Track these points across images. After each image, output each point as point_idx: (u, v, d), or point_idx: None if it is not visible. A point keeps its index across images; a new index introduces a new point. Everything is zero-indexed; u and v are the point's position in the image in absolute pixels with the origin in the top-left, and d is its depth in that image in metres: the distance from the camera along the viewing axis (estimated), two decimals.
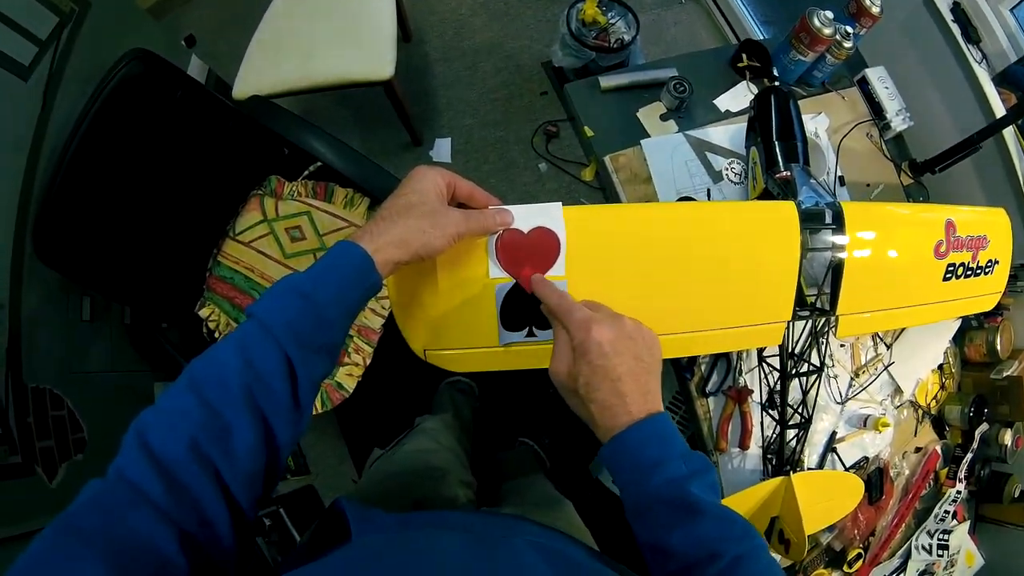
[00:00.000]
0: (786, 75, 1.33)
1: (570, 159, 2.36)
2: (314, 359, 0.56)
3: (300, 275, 0.58)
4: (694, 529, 0.54)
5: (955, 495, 1.30)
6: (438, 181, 0.64)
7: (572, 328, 0.62)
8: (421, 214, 0.62)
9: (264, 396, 0.52)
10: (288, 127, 1.43)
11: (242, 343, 0.53)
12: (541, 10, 2.60)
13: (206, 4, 2.58)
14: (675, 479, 0.56)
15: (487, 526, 0.69)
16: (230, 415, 0.50)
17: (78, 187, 1.22)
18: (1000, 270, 1.10)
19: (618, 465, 0.60)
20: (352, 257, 0.58)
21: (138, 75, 1.23)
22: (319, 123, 1.98)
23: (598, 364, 0.59)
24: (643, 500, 0.58)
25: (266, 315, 0.54)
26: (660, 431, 0.60)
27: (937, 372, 1.32)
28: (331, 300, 0.57)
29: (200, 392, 0.50)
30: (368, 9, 1.81)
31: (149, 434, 0.48)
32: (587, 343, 0.60)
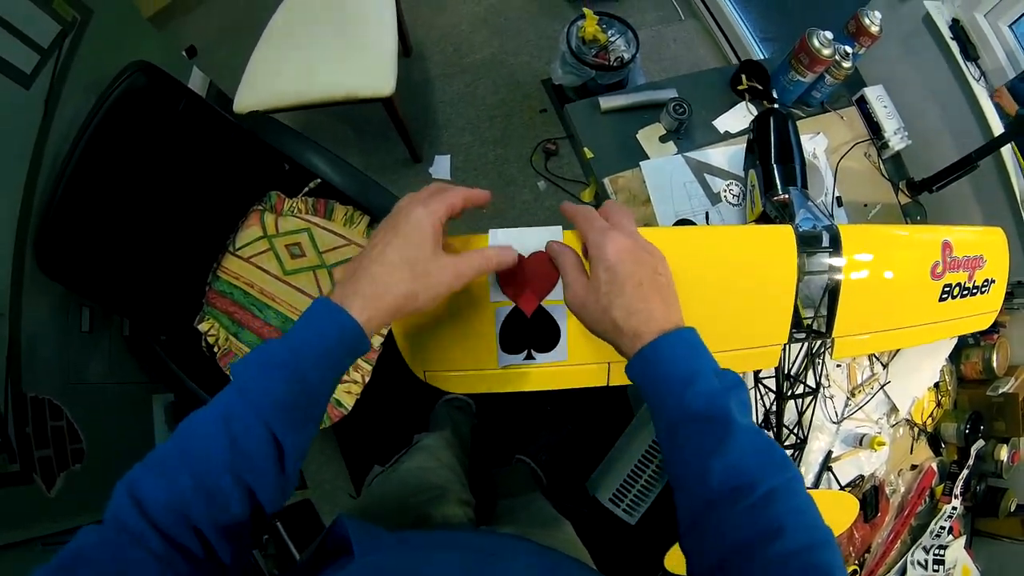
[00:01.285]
0: (785, 95, 1.34)
1: (569, 177, 2.37)
2: (300, 431, 0.55)
3: (286, 346, 0.54)
4: (732, 452, 0.51)
5: (951, 511, 1.30)
6: (434, 224, 0.60)
7: (590, 239, 0.60)
8: (414, 275, 0.58)
9: (248, 470, 0.51)
10: (288, 143, 1.44)
11: (227, 418, 0.51)
12: (541, 27, 2.62)
13: (208, 14, 2.60)
14: (711, 393, 0.54)
15: (487, 546, 0.68)
16: (217, 490, 0.49)
17: (79, 198, 1.23)
18: (996, 289, 1.10)
19: (649, 379, 0.57)
20: (342, 329, 0.55)
21: (141, 88, 1.24)
22: (318, 137, 2.00)
23: (618, 268, 0.58)
24: (677, 414, 0.55)
25: (252, 391, 0.52)
26: (690, 342, 0.58)
27: (933, 390, 1.33)
28: (320, 375, 0.55)
29: (188, 465, 0.50)
30: (370, 25, 1.82)
31: (142, 494, 0.48)
32: (605, 248, 0.58)
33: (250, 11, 2.28)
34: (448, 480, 1.11)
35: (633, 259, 0.59)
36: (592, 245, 0.60)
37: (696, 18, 2.70)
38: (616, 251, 0.58)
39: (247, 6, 2.48)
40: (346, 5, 1.88)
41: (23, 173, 1.27)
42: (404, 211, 0.60)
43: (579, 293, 0.61)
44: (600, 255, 0.59)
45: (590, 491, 1.68)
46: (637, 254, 0.59)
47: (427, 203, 0.60)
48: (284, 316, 1.44)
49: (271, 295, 1.46)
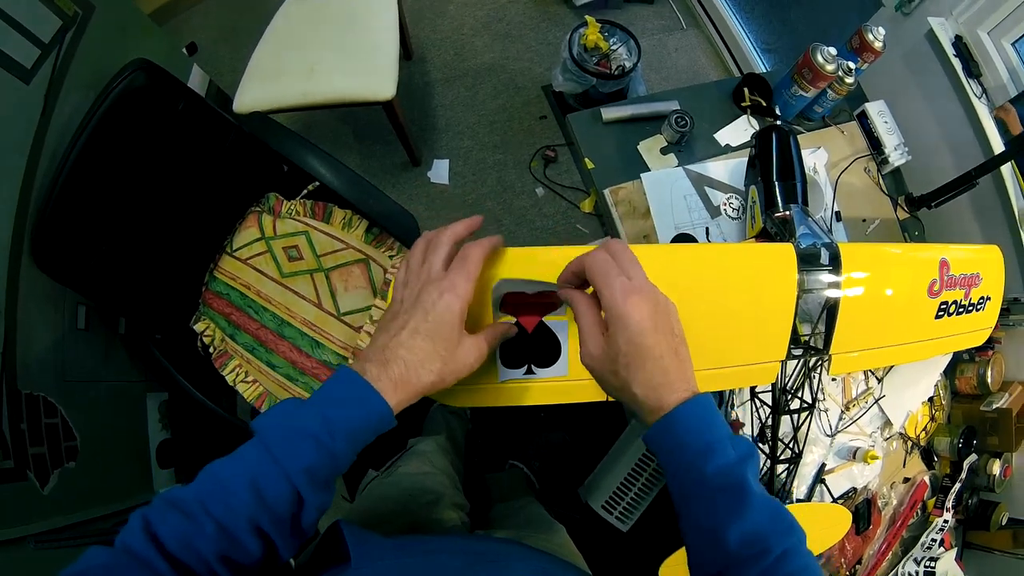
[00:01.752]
0: (787, 109, 1.35)
1: (568, 184, 2.38)
2: (323, 493, 0.55)
3: (318, 416, 0.55)
4: (748, 521, 0.53)
5: (943, 524, 1.31)
6: (463, 310, 0.60)
7: (609, 299, 0.57)
8: (443, 364, 0.60)
9: (272, 525, 0.52)
10: (287, 145, 1.43)
11: (255, 479, 0.51)
12: (543, 33, 2.63)
13: (209, 11, 2.59)
14: (729, 465, 0.55)
15: (483, 551, 0.69)
16: (236, 534, 0.50)
17: (77, 194, 1.22)
18: (991, 306, 1.11)
19: (667, 448, 0.58)
20: (374, 411, 0.56)
21: (141, 86, 1.23)
22: (318, 139, 1.99)
23: (640, 342, 0.56)
24: (697, 487, 0.56)
25: (283, 457, 0.52)
26: (707, 412, 0.58)
27: (927, 404, 1.34)
28: (347, 450, 0.55)
29: (208, 510, 0.50)
30: (371, 28, 1.82)
31: (158, 528, 0.49)
32: (627, 317, 0.56)
33: (252, 9, 2.29)
34: (443, 485, 1.11)
35: (654, 327, 0.57)
36: (610, 308, 0.57)
37: (698, 27, 2.71)
38: (638, 321, 0.56)
39: (249, 4, 2.48)
40: (348, 8, 1.87)
41: (21, 168, 1.26)
42: (434, 297, 0.60)
43: (596, 356, 0.60)
44: (621, 324, 0.57)
45: (583, 497, 1.68)
46: (657, 320, 0.58)
47: (456, 291, 0.60)
48: (281, 319, 1.44)
49: (268, 297, 1.45)
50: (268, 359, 1.43)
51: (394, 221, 1.39)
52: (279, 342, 1.43)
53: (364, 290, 1.44)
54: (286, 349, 1.43)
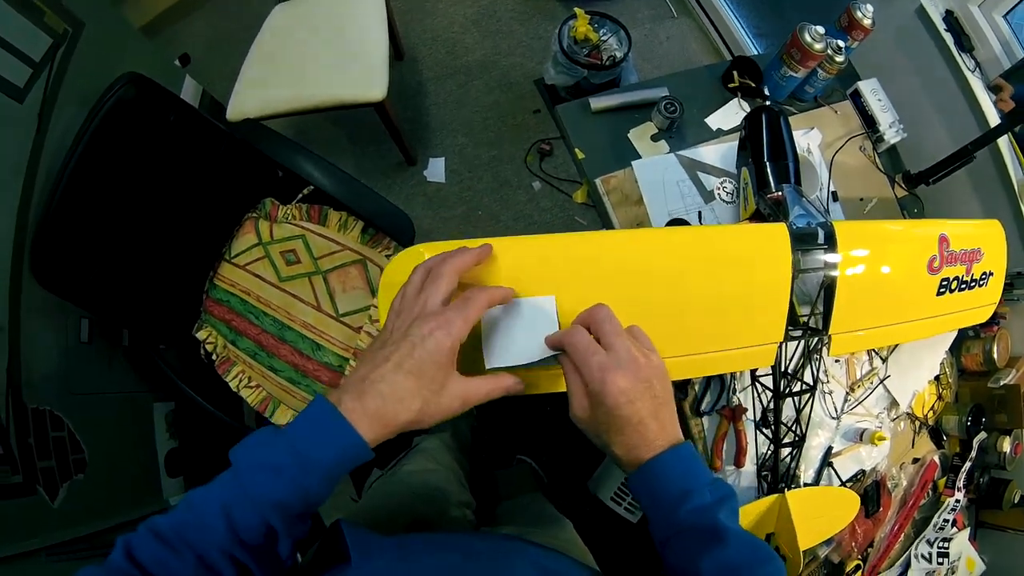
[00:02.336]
0: (778, 91, 1.34)
1: (564, 177, 2.37)
2: (297, 525, 0.54)
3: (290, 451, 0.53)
4: (722, 556, 0.55)
5: (954, 504, 1.30)
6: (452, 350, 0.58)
7: (587, 376, 0.60)
8: (424, 404, 0.57)
9: (247, 555, 0.52)
10: (281, 150, 1.44)
11: (227, 510, 0.51)
12: (533, 27, 2.62)
13: (200, 22, 2.60)
14: (702, 508, 0.57)
15: (485, 547, 0.69)
16: (214, 564, 0.50)
17: (74, 209, 1.23)
18: (995, 282, 1.10)
19: (645, 496, 0.61)
20: (349, 446, 0.54)
21: (131, 99, 1.23)
22: (313, 143, 1.99)
23: (617, 413, 0.59)
24: (672, 530, 0.59)
25: (253, 489, 0.52)
26: (684, 461, 0.61)
27: (934, 383, 1.32)
28: (321, 485, 0.54)
29: (187, 540, 0.50)
30: (360, 31, 1.83)
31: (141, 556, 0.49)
32: (604, 394, 0.58)
33: (242, 18, 2.29)
34: (447, 482, 1.12)
35: (630, 400, 0.59)
36: (589, 385, 0.60)
37: (689, 15, 2.70)
38: (615, 395, 0.58)
39: (239, 14, 2.49)
40: (336, 11, 1.88)
41: (18, 186, 1.27)
42: (424, 333, 0.58)
43: (581, 418, 0.62)
44: (599, 399, 0.59)
45: (592, 490, 1.69)
46: (636, 390, 0.59)
47: (448, 330, 0.58)
48: (281, 323, 1.45)
49: (267, 302, 1.46)
50: (270, 363, 1.44)
51: (389, 220, 1.39)
52: (280, 346, 1.44)
53: (362, 291, 1.45)
54: (287, 353, 1.44)
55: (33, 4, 1.32)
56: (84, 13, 1.47)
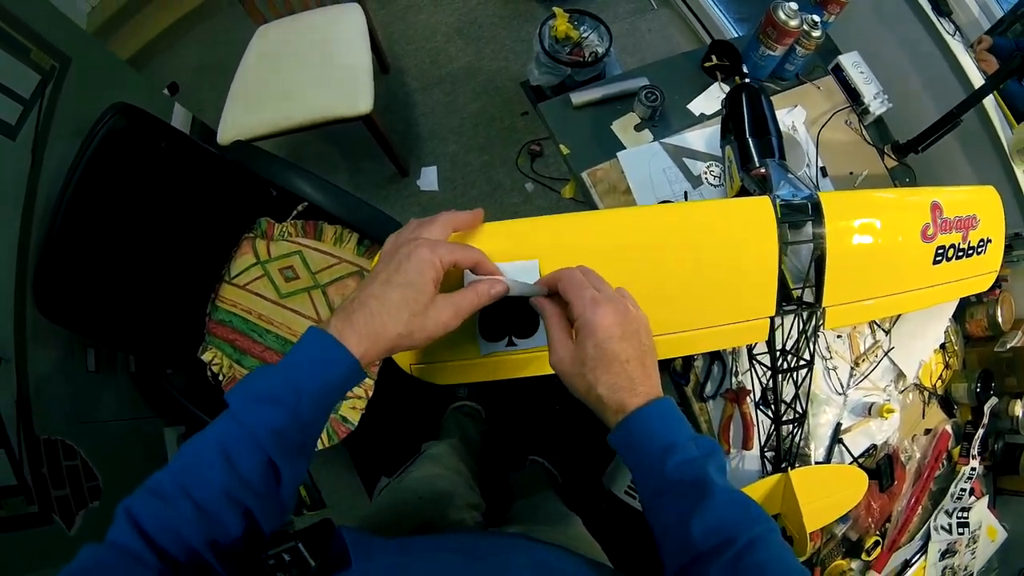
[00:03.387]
0: (758, 72, 1.34)
1: (556, 176, 2.39)
2: (296, 458, 0.55)
3: (282, 377, 0.55)
4: (711, 512, 0.54)
5: (970, 472, 1.28)
6: (437, 267, 0.59)
7: (579, 308, 0.60)
8: (411, 316, 0.58)
9: (248, 496, 0.52)
10: (273, 169, 1.45)
11: (225, 448, 0.51)
12: (515, 30, 2.63)
13: (186, 51, 2.63)
14: (689, 460, 0.57)
15: (485, 546, 0.69)
16: (215, 512, 0.50)
17: (73, 240, 1.25)
18: (994, 248, 1.09)
19: (631, 448, 0.60)
20: (339, 363, 0.55)
21: (122, 129, 1.25)
22: (305, 161, 2.01)
23: (607, 347, 0.59)
24: (659, 483, 0.58)
25: (249, 420, 0.52)
26: (669, 414, 0.60)
27: (940, 351, 1.31)
28: (314, 409, 0.55)
29: (186, 490, 0.50)
30: (343, 46, 1.85)
31: (141, 518, 0.49)
32: (595, 325, 0.59)
33: (226, 44, 2.32)
34: (455, 485, 1.12)
35: (622, 334, 0.60)
36: (580, 316, 0.60)
37: (669, 6, 2.70)
38: (606, 327, 0.59)
39: (223, 40, 2.52)
40: (318, 29, 1.91)
41: (17, 220, 1.29)
42: (410, 250, 0.59)
43: (564, 359, 0.62)
44: (590, 330, 0.59)
45: (606, 486, 1.68)
46: (625, 328, 0.60)
47: (435, 248, 0.60)
48: (284, 339, 1.45)
49: (269, 319, 1.47)
50: None
51: (383, 230, 1.40)
52: None
53: None
54: None
55: (19, 42, 1.34)
56: (70, 48, 1.50)
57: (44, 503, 1.28)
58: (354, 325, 0.56)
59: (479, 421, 1.82)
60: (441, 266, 0.60)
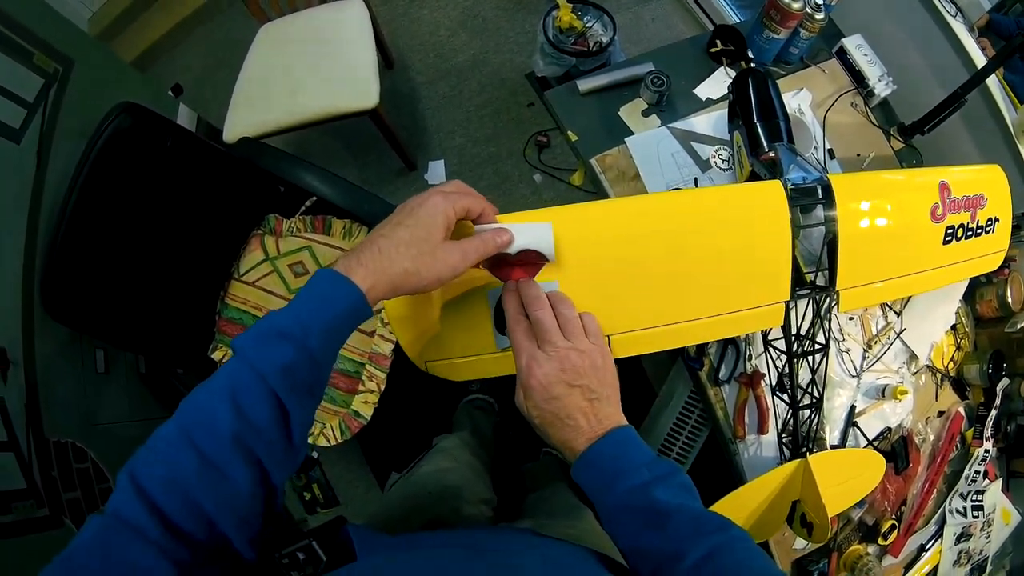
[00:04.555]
0: (762, 55, 1.33)
1: (564, 167, 2.38)
2: (306, 398, 0.55)
3: (290, 315, 0.55)
4: (663, 530, 0.56)
5: (984, 454, 1.28)
6: (448, 213, 0.61)
7: (517, 367, 0.64)
8: (419, 253, 0.59)
9: (257, 442, 0.51)
10: (280, 165, 1.45)
11: (232, 390, 0.51)
12: (519, 22, 2.63)
13: (190, 52, 2.64)
14: (637, 487, 0.58)
15: (490, 542, 0.70)
16: (223, 463, 0.50)
17: (80, 241, 1.25)
18: (1002, 227, 1.08)
19: (585, 482, 0.63)
20: (345, 296, 0.56)
21: (127, 128, 1.25)
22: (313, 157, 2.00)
23: (546, 408, 0.62)
24: (611, 510, 0.60)
25: (258, 360, 0.52)
26: (619, 445, 0.62)
27: (951, 333, 1.31)
28: (322, 343, 0.55)
29: (192, 441, 0.49)
30: (346, 42, 1.85)
31: (143, 480, 0.48)
32: (530, 387, 0.62)
33: (230, 44, 2.33)
34: (465, 479, 1.12)
35: (560, 392, 0.62)
36: (518, 377, 0.64)
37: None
38: (544, 389, 0.62)
39: (226, 40, 2.53)
40: (321, 26, 1.90)
41: (23, 224, 1.30)
42: (424, 196, 0.61)
43: (518, 405, 0.66)
44: (527, 394, 0.63)
45: None
46: (567, 379, 0.62)
47: (447, 195, 0.62)
48: None
49: None
50: None
51: None
52: None
53: None
54: None
55: (21, 47, 1.34)
56: (73, 51, 1.50)
57: (55, 506, 1.28)
58: (361, 260, 0.57)
59: (491, 414, 1.81)
60: (453, 213, 0.62)
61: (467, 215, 0.65)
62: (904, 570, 1.27)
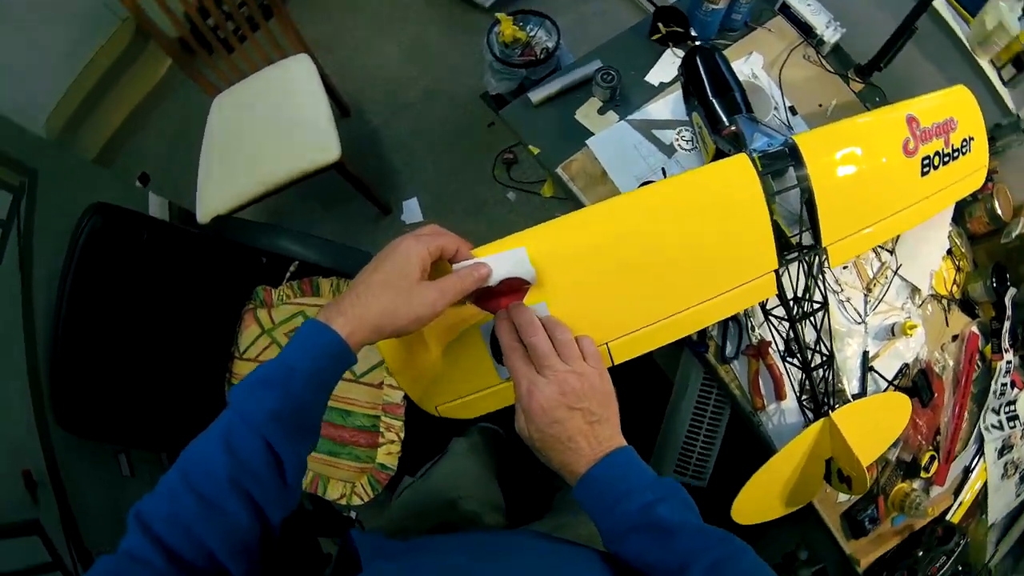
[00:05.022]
0: (706, 29, 1.34)
1: (534, 180, 2.39)
2: (297, 441, 0.58)
3: (276, 364, 0.58)
4: (668, 547, 0.57)
5: (1006, 366, 1.27)
6: (421, 255, 0.64)
7: (517, 394, 0.64)
8: (395, 295, 0.61)
9: (251, 482, 0.54)
10: (257, 237, 1.46)
11: (226, 435, 0.55)
12: (463, 45, 2.64)
13: (150, 137, 2.62)
14: (641, 507, 0.59)
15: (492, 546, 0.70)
16: (220, 502, 0.53)
17: (79, 350, 1.26)
18: (978, 145, 1.09)
19: (587, 503, 0.63)
20: (327, 343, 0.59)
21: (101, 229, 1.26)
22: (289, 220, 2.00)
23: (547, 432, 0.62)
24: (615, 531, 0.60)
25: (245, 407, 0.56)
26: (620, 467, 0.63)
27: (948, 257, 1.30)
28: (307, 387, 0.58)
29: (191, 483, 0.53)
30: (298, 99, 1.86)
31: (149, 519, 0.52)
32: (531, 411, 0.62)
33: (188, 122, 2.32)
34: (474, 482, 1.12)
35: (561, 416, 0.62)
36: (519, 402, 0.64)
37: None
38: (541, 413, 0.62)
39: (183, 119, 2.52)
40: (271, 88, 1.91)
41: (21, 341, 1.29)
42: (396, 241, 0.64)
43: (518, 430, 0.66)
44: (528, 418, 0.63)
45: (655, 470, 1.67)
46: (562, 411, 0.62)
47: (419, 237, 0.65)
48: None
49: None
50: None
51: None
52: None
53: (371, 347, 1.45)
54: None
55: None
56: (35, 161, 1.50)
57: None
58: (341, 308, 0.61)
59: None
60: (427, 253, 0.64)
61: (442, 254, 0.67)
62: (954, 495, 1.26)
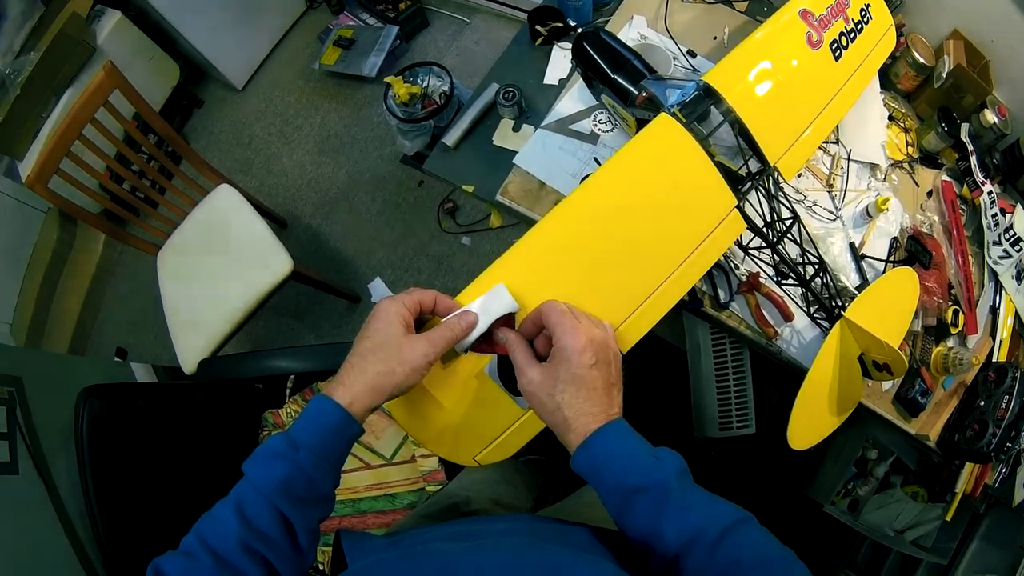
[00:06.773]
0: (581, 15, 1.36)
1: (481, 217, 2.42)
2: (308, 509, 0.61)
3: (283, 437, 0.61)
4: (680, 513, 0.57)
5: (989, 198, 1.27)
6: (401, 312, 0.66)
7: (559, 332, 0.65)
8: (387, 355, 0.64)
9: (263, 545, 0.57)
10: (245, 367, 1.47)
11: (238, 503, 0.58)
12: (365, 121, 2.70)
13: (114, 312, 2.66)
14: (651, 471, 0.60)
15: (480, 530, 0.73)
16: (235, 561, 0.55)
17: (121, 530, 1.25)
18: (877, 9, 1.09)
19: (594, 469, 0.63)
20: (329, 415, 0.62)
21: (99, 411, 1.27)
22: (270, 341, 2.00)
23: (579, 372, 0.63)
24: (626, 496, 0.60)
25: (257, 477, 0.59)
26: (627, 432, 0.64)
27: (892, 124, 1.32)
28: (314, 459, 0.60)
29: (207, 545, 0.56)
30: (234, 228, 1.88)
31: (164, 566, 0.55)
32: (572, 349, 0.63)
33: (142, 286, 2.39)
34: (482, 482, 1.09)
35: (596, 362, 0.64)
36: (559, 340, 0.65)
37: (479, 12, 2.75)
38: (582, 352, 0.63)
39: (136, 285, 2.58)
40: (206, 227, 1.93)
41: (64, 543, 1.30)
42: (376, 307, 0.67)
43: (534, 380, 0.66)
44: (567, 355, 0.64)
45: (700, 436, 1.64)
46: (600, 356, 0.65)
47: (394, 298, 0.68)
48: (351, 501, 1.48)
49: None
50: None
51: None
52: (363, 519, 1.47)
53: (390, 426, 1.48)
54: (372, 520, 1.46)
55: None
56: (16, 369, 1.52)
57: None
58: (340, 380, 0.64)
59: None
60: (405, 309, 0.67)
61: (422, 308, 0.69)
62: (992, 337, 1.27)
